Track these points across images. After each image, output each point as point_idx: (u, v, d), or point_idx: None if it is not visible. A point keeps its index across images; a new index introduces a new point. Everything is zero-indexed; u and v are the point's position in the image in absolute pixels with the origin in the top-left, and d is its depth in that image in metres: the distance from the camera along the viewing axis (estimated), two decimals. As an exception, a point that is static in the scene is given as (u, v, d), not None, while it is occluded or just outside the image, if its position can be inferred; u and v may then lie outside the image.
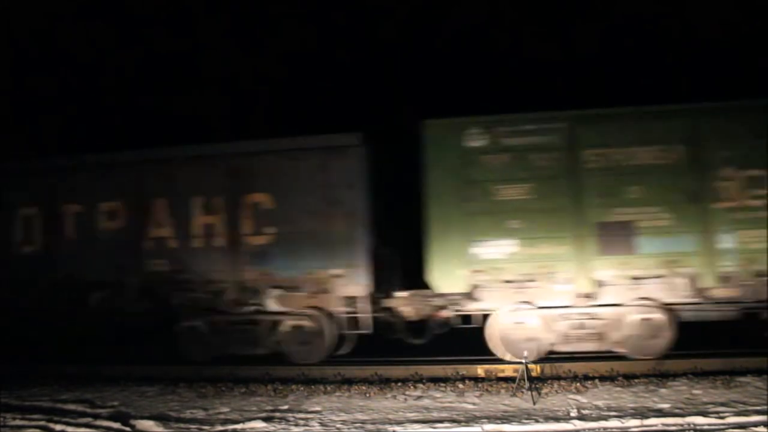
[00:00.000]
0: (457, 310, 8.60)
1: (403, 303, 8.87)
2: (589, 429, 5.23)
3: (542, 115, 8.55)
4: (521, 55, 15.99)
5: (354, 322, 8.82)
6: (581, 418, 5.59)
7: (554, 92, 14.42)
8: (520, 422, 5.50)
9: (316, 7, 17.42)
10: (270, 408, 6.48)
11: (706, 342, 8.37)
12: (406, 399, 6.70)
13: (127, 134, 15.70)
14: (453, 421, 5.67)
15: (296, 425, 5.71)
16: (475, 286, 8.41)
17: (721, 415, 5.37)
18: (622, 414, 5.62)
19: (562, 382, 7.11)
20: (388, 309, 8.94)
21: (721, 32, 14.69)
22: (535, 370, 7.70)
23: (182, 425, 5.83)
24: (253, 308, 9.11)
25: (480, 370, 8.08)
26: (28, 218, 9.91)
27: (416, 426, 5.52)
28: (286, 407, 6.52)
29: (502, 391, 6.90)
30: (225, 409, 6.48)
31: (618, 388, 6.77)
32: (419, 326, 8.96)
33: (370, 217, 8.85)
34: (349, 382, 7.78)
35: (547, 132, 8.42)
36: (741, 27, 14.59)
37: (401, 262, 9.29)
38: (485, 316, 8.57)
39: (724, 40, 14.60)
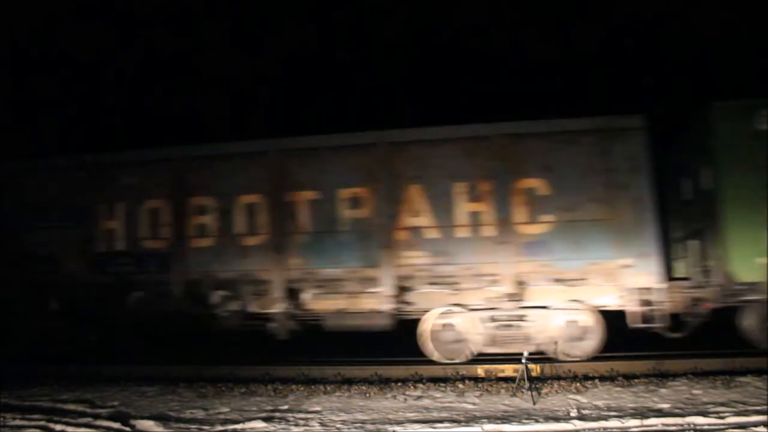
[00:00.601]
0: (730, 302, 8.19)
1: (664, 295, 8.29)
2: (589, 429, 5.23)
3: None
4: (521, 55, 16.02)
5: (640, 315, 8.22)
6: (581, 418, 5.59)
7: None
8: (520, 422, 5.50)
9: (316, 7, 17.45)
10: (270, 408, 6.48)
11: (706, 342, 8.37)
12: (406, 399, 6.69)
13: (127, 134, 15.71)
14: (453, 421, 5.66)
15: (296, 425, 5.71)
16: None
17: (721, 415, 5.37)
18: (622, 414, 5.62)
19: (562, 382, 7.11)
20: (648, 302, 8.32)
21: (721, 32, 14.70)
22: (535, 370, 7.70)
23: (182, 425, 5.82)
24: (522, 302, 8.52)
25: (480, 370, 8.07)
26: (251, 207, 9.15)
27: (416, 426, 5.51)
28: (286, 407, 6.51)
29: (502, 391, 6.89)
30: (225, 409, 6.48)
31: (618, 388, 6.77)
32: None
33: (657, 202, 8.31)
34: (349, 382, 7.77)
35: None
36: (741, 27, 14.61)
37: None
38: (735, 308, 8.33)
39: (725, 41, 14.62)
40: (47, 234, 9.77)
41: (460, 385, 7.19)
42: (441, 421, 5.64)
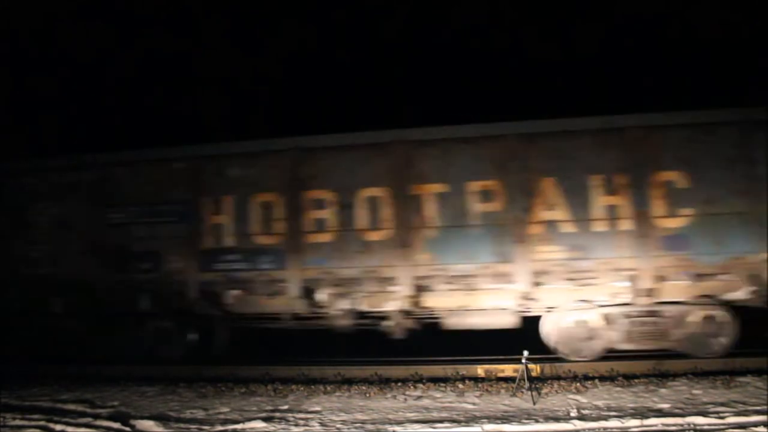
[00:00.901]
0: None
1: None
2: (589, 429, 5.23)
3: None
4: (521, 55, 16.02)
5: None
6: (581, 418, 5.59)
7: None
8: (520, 422, 5.50)
9: (316, 7, 17.46)
10: (270, 408, 6.48)
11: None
12: (406, 399, 6.69)
13: (127, 134, 15.71)
14: (453, 421, 5.67)
15: (296, 425, 5.71)
16: None
17: (721, 415, 5.38)
18: (622, 414, 5.62)
19: (562, 382, 7.12)
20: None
21: (721, 33, 14.70)
22: (535, 370, 7.71)
23: (182, 425, 5.83)
24: (657, 298, 8.27)
25: (480, 370, 8.07)
26: (373, 201, 8.76)
27: (416, 426, 5.52)
28: (286, 407, 6.51)
29: (502, 391, 6.90)
30: (225, 409, 6.48)
31: (618, 388, 6.78)
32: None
33: None
34: (349, 382, 7.78)
35: None
36: (741, 28, 14.61)
37: None
38: None
39: (725, 41, 14.61)
40: (146, 230, 9.27)
41: (460, 385, 7.19)
42: (441, 421, 5.64)
